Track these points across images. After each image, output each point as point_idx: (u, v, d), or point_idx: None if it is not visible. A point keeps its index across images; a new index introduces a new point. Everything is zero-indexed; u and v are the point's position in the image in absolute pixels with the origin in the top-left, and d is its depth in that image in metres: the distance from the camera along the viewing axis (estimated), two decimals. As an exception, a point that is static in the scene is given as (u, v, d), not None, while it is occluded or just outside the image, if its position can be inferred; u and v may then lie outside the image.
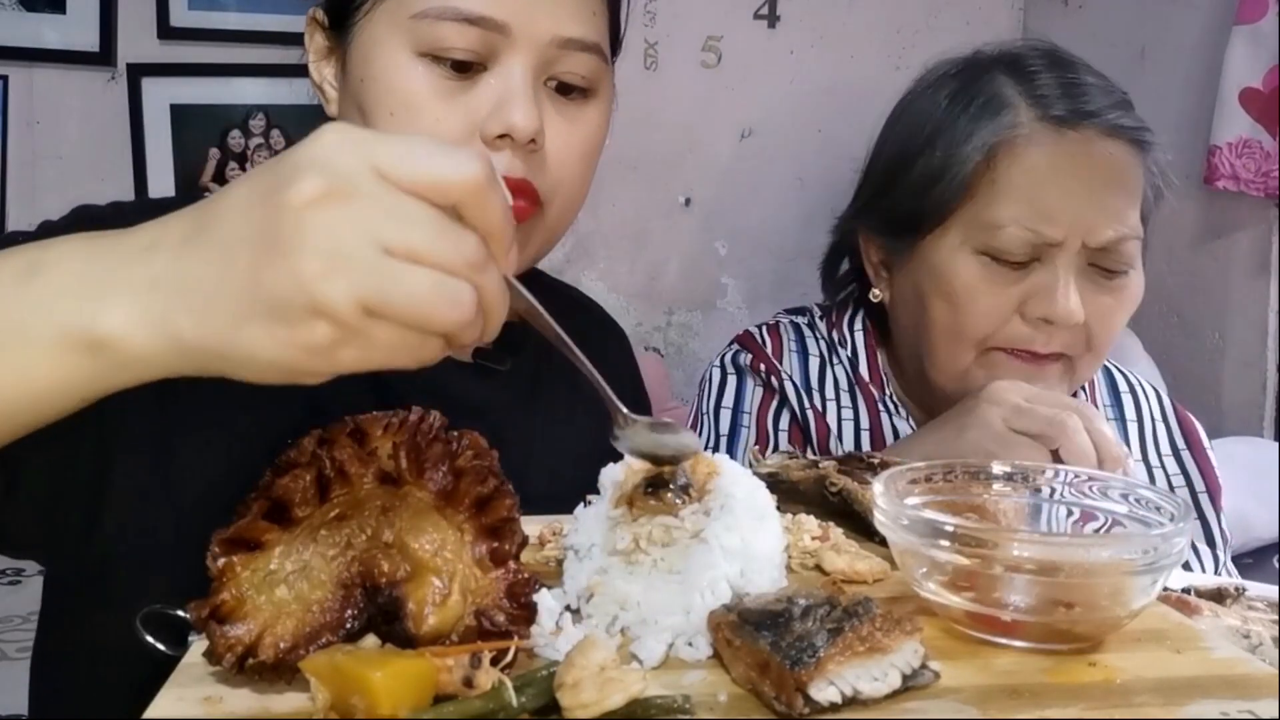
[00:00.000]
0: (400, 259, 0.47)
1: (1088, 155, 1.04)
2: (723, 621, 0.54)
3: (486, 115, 0.77)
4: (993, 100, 1.07)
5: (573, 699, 0.47)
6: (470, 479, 0.56)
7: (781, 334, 1.26)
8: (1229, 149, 1.84)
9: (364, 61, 0.79)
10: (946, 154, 1.06)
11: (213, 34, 2.18)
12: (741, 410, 1.20)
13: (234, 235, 0.48)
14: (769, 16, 2.41)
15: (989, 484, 0.69)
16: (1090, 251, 1.03)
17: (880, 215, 1.16)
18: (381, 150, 0.48)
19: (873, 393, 1.20)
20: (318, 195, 0.46)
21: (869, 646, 0.50)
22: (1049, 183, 1.03)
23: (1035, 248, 1.03)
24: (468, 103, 0.77)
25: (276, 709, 0.51)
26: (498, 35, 0.76)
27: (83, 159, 2.15)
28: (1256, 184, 1.82)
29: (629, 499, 0.62)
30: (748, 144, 2.42)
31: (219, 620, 0.52)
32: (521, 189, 0.78)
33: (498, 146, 0.77)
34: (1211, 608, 0.69)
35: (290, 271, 0.46)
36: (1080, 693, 0.52)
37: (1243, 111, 1.82)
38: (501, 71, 0.78)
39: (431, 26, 0.76)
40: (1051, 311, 1.02)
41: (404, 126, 0.77)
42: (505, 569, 0.56)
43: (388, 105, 0.78)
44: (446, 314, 0.48)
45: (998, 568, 0.56)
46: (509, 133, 0.76)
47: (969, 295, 1.06)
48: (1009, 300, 1.04)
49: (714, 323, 2.44)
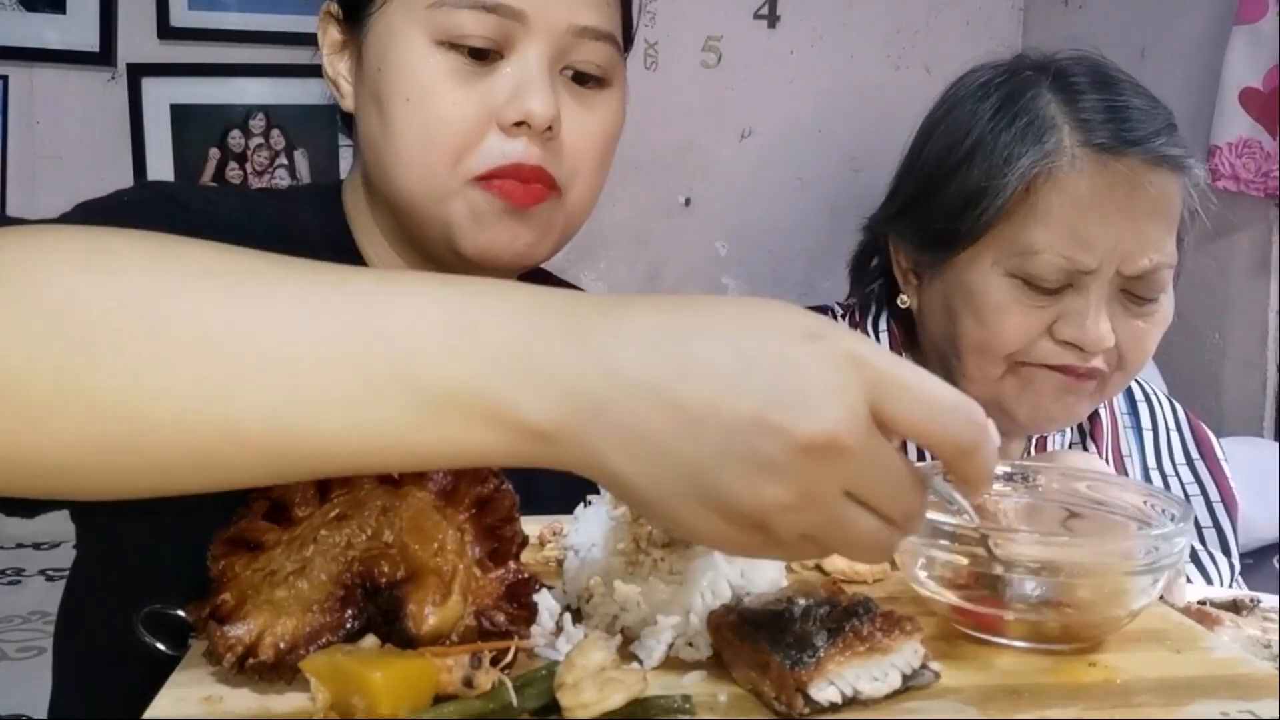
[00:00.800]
0: (856, 503, 0.46)
1: (1129, 185, 1.02)
2: (723, 621, 0.54)
3: (503, 102, 0.77)
4: (1035, 121, 1.04)
5: (573, 699, 0.47)
6: (470, 479, 0.56)
7: None
8: (1229, 149, 1.84)
9: (381, 51, 0.79)
10: (986, 174, 1.04)
11: (213, 34, 2.18)
12: None
13: (717, 401, 0.44)
14: (769, 16, 2.41)
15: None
16: (1124, 279, 1.03)
17: (913, 225, 1.14)
18: (888, 392, 0.45)
19: None
20: (820, 443, 0.44)
21: (869, 646, 0.50)
22: (1088, 211, 1.01)
23: (1069, 274, 1.02)
24: (484, 89, 0.78)
25: (276, 709, 0.51)
26: (514, 23, 0.77)
27: (83, 159, 2.15)
28: (1256, 184, 1.82)
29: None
30: (748, 144, 2.42)
31: (219, 620, 0.52)
32: (538, 175, 0.79)
33: (514, 134, 0.78)
34: (1232, 619, 0.69)
35: (758, 487, 0.44)
36: (1080, 693, 0.52)
37: (1243, 111, 1.82)
38: (518, 59, 0.78)
39: (448, 15, 0.76)
40: (1081, 337, 1.01)
41: (421, 111, 0.77)
42: (505, 569, 0.56)
43: (404, 92, 0.78)
44: (870, 559, 0.49)
45: (998, 568, 0.56)
46: (526, 120, 0.77)
47: (998, 316, 1.04)
48: (1039, 323, 1.03)
49: (714, 323, 2.44)
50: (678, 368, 0.45)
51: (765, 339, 0.46)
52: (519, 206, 0.79)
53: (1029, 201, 1.02)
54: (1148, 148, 1.02)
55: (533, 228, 0.81)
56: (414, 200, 0.80)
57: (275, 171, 2.23)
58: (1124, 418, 1.23)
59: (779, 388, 0.44)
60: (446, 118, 0.77)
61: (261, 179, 2.23)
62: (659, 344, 0.45)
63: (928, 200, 1.11)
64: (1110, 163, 1.02)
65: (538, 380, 0.45)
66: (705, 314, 0.47)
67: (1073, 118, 1.04)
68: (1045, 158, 1.02)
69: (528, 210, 0.79)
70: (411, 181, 0.79)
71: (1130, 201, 1.02)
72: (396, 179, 0.80)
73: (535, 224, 0.81)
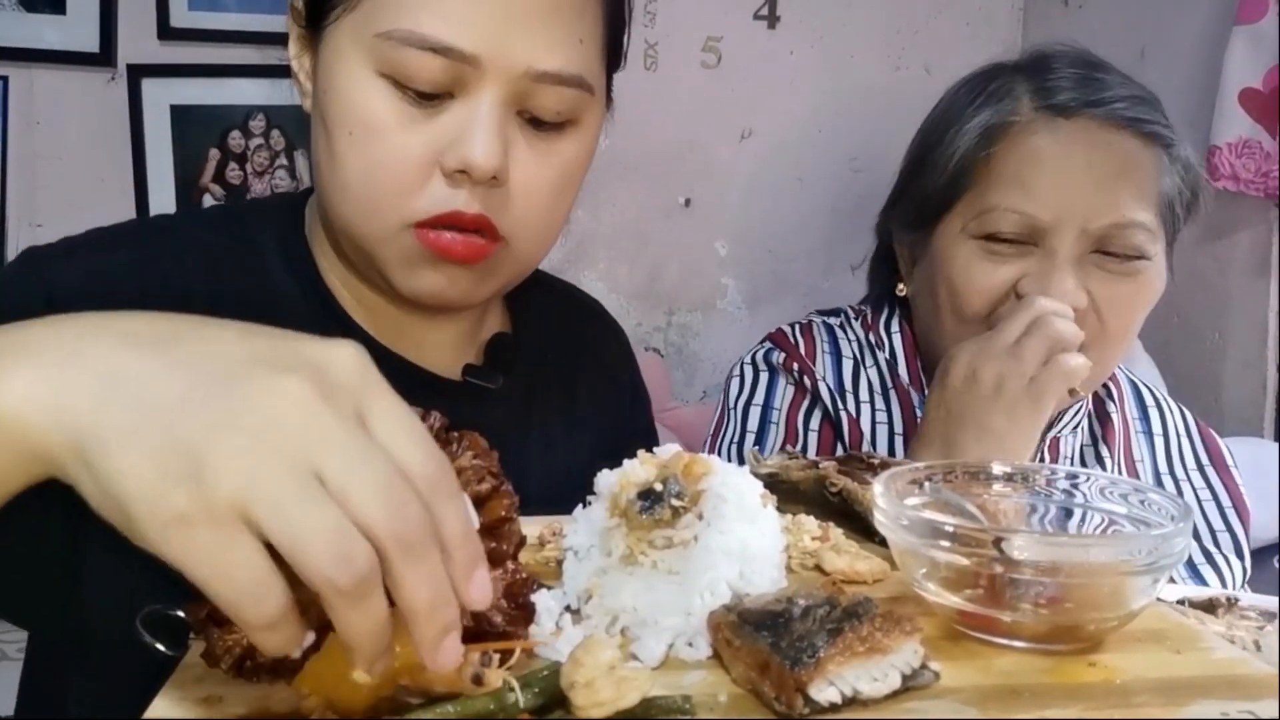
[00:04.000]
0: (322, 492, 0.41)
1: (1087, 144, 1.05)
2: (723, 622, 0.54)
3: (445, 147, 0.73)
4: (998, 90, 1.10)
5: (588, 698, 0.47)
6: (467, 478, 0.56)
7: (815, 334, 1.25)
8: (1229, 149, 1.83)
9: (327, 73, 0.76)
10: (951, 142, 1.09)
11: (213, 34, 2.18)
12: (771, 408, 1.20)
13: (199, 364, 0.44)
14: (769, 16, 2.40)
15: (989, 484, 0.69)
16: (1093, 239, 1.04)
17: (904, 209, 1.18)
18: (375, 401, 0.45)
19: (909, 396, 1.19)
20: (300, 393, 0.42)
21: (869, 647, 0.50)
22: (1043, 167, 1.05)
23: (1028, 231, 1.04)
24: (430, 130, 0.73)
25: (276, 709, 0.50)
26: (466, 66, 0.72)
27: (83, 159, 2.14)
28: (1256, 184, 1.82)
29: (623, 512, 0.62)
30: (748, 144, 2.42)
31: (217, 623, 0.52)
32: (479, 224, 0.75)
33: (457, 181, 0.74)
34: (1199, 616, 0.70)
35: (216, 427, 0.41)
36: (1080, 693, 0.52)
37: (1243, 111, 1.82)
38: (468, 102, 0.73)
39: (395, 50, 0.71)
40: (1045, 294, 1.02)
41: (363, 149, 0.74)
42: (503, 569, 0.56)
43: (347, 124, 0.74)
44: (329, 570, 0.41)
45: (997, 568, 0.56)
46: (466, 170, 0.73)
47: (965, 276, 1.08)
48: (1002, 281, 1.06)
49: (714, 323, 2.44)
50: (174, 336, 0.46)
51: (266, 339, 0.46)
52: (461, 263, 0.76)
53: (990, 166, 1.07)
54: (1108, 109, 1.06)
55: (471, 275, 0.78)
56: (354, 234, 0.78)
57: (275, 172, 2.23)
58: (1136, 422, 1.24)
59: (276, 341, 0.46)
60: (386, 160, 0.73)
61: (261, 179, 2.23)
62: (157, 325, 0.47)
63: (914, 180, 1.16)
64: (1062, 123, 1.06)
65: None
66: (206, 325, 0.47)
67: (1035, 87, 1.09)
68: (1000, 117, 1.08)
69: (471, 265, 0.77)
70: (352, 216, 0.77)
71: (1089, 160, 1.05)
72: (338, 208, 0.77)
73: (474, 272, 0.78)
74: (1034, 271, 1.04)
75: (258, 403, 0.42)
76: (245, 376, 0.43)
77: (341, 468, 0.42)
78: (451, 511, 0.45)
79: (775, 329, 1.28)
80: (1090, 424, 1.21)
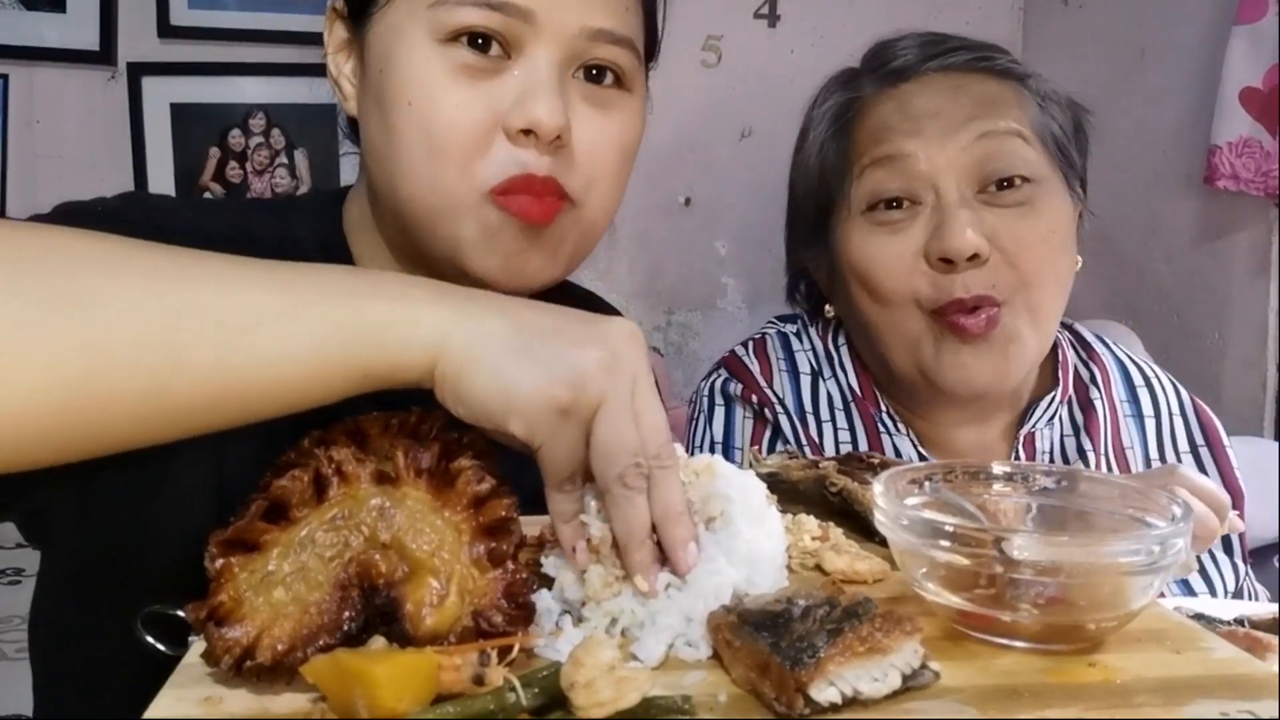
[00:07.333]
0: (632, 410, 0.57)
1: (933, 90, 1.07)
2: (722, 622, 0.54)
3: (509, 107, 0.73)
4: (842, 81, 1.16)
5: (588, 698, 0.47)
6: (467, 478, 0.56)
7: (769, 352, 1.23)
8: (1229, 149, 1.83)
9: (383, 52, 0.76)
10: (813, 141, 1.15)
11: (213, 33, 2.18)
12: (733, 447, 1.18)
13: (555, 311, 0.60)
14: (769, 16, 2.40)
15: (989, 484, 0.69)
16: (973, 177, 1.05)
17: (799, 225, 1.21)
18: (643, 373, 0.58)
19: (869, 410, 1.18)
20: (630, 330, 0.59)
21: (869, 647, 0.50)
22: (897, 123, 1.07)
23: (907, 186, 1.06)
24: (490, 92, 0.74)
25: (276, 709, 0.50)
26: (521, 23, 0.73)
27: (83, 158, 2.14)
28: (1256, 184, 1.82)
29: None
30: (748, 144, 2.42)
31: (217, 622, 0.52)
32: (548, 187, 0.75)
33: (522, 143, 0.74)
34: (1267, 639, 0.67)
35: (585, 344, 0.57)
36: (1080, 693, 0.52)
37: (1243, 111, 1.82)
38: (525, 63, 0.74)
39: (450, 12, 0.73)
40: (946, 245, 1.02)
41: (425, 117, 0.73)
42: (503, 569, 0.56)
43: (407, 94, 0.74)
44: (629, 461, 0.57)
45: (997, 568, 0.56)
46: (532, 128, 0.73)
47: (865, 254, 1.08)
48: (903, 251, 1.06)
49: (714, 323, 2.44)
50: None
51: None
52: (536, 223, 0.75)
53: (852, 144, 1.11)
54: (946, 60, 1.10)
55: (544, 248, 0.78)
56: (421, 214, 0.76)
57: (275, 171, 2.23)
58: (1124, 406, 1.20)
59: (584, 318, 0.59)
60: (451, 122, 0.73)
61: (261, 178, 2.23)
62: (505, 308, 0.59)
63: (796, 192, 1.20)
64: (908, 84, 1.10)
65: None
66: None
67: (874, 66, 1.14)
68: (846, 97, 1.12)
69: (543, 228, 0.76)
70: (419, 194, 0.75)
71: (940, 104, 1.06)
72: (402, 190, 0.76)
73: (547, 243, 0.78)
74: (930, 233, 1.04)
75: (607, 333, 0.58)
76: (592, 320, 0.59)
77: (646, 397, 0.58)
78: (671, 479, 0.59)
79: (728, 352, 1.25)
80: (1070, 414, 1.18)
